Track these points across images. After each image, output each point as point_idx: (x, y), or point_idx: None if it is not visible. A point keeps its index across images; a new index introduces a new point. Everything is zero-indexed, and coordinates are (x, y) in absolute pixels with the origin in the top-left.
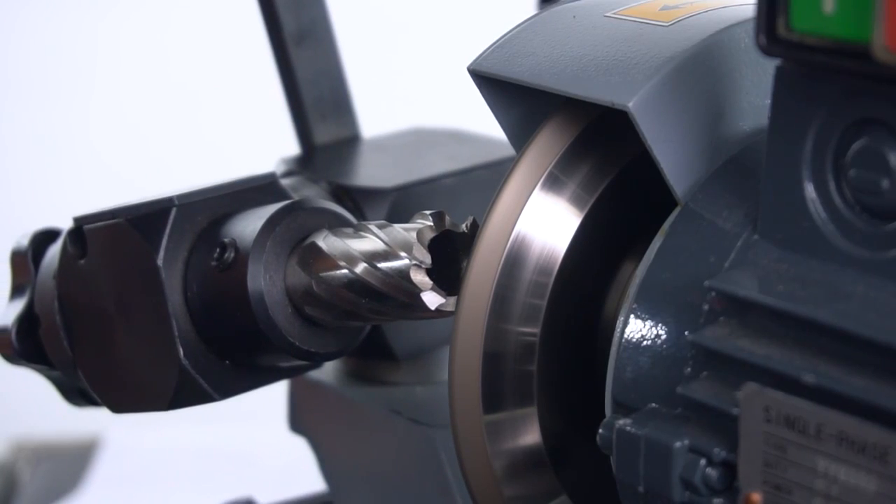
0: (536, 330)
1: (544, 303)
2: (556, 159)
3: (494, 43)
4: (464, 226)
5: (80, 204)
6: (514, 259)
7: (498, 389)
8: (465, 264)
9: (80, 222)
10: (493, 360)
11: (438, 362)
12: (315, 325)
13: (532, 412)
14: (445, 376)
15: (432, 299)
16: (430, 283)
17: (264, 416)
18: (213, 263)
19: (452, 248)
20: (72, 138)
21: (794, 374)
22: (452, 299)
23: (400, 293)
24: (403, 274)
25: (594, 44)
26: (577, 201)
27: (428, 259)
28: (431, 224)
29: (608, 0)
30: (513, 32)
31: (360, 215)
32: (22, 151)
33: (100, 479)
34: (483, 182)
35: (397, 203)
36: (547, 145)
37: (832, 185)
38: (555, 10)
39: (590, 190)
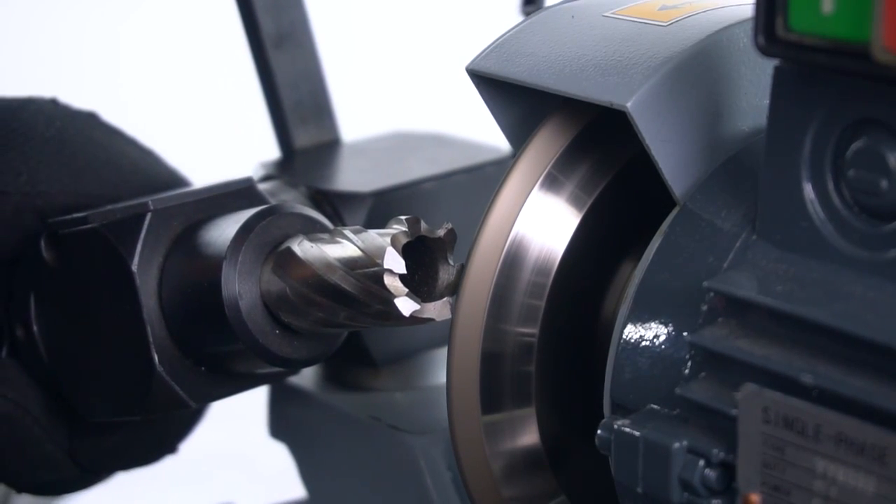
0: (535, 330)
1: (543, 303)
2: (554, 159)
3: (493, 43)
4: (440, 231)
5: None
6: (513, 259)
7: (496, 390)
8: (457, 266)
9: (55, 227)
10: (491, 361)
11: (419, 368)
12: (291, 332)
13: (531, 413)
14: (426, 382)
15: (406, 305)
16: (405, 289)
17: (255, 419)
18: None
19: (428, 254)
20: None
21: (792, 375)
22: (428, 305)
23: (375, 300)
24: (379, 280)
25: (593, 44)
26: (575, 201)
27: (401, 264)
28: (406, 229)
29: (606, 0)
30: (511, 32)
31: (339, 220)
32: None
33: None
34: (463, 186)
35: (376, 208)
36: (545, 145)
37: (831, 186)
38: (553, 9)
39: (588, 190)
